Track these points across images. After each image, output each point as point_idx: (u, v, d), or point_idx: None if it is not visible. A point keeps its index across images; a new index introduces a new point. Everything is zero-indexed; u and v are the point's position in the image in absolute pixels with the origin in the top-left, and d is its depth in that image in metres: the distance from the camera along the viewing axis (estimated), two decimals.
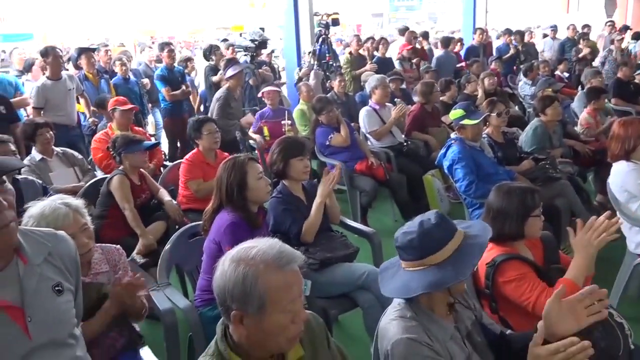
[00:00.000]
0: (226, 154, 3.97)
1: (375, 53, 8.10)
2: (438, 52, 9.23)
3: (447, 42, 9.13)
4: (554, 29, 10.73)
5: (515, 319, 2.11)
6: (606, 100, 5.58)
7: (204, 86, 7.22)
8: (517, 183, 2.56)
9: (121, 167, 3.47)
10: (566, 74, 8.28)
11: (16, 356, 1.23)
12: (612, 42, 9.62)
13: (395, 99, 6.37)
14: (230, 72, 5.03)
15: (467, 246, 1.60)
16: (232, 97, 5.01)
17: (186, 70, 7.24)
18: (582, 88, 6.63)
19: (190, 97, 7.09)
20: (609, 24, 10.26)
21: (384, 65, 7.53)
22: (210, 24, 22.06)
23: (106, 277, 2.21)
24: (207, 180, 3.62)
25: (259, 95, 5.67)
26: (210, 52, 6.78)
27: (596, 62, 9.41)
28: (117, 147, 3.47)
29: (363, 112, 5.19)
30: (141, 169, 3.61)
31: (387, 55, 8.11)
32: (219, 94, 5.07)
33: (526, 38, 9.88)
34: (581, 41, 9.80)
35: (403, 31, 9.46)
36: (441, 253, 1.59)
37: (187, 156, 3.81)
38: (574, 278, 2.02)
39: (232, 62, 5.43)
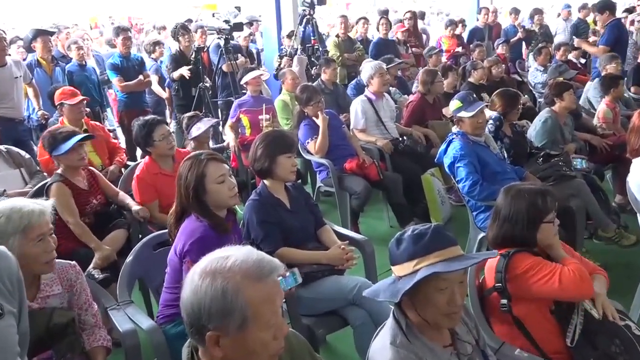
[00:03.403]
0: (186, 150, 3.90)
1: (370, 36, 8.08)
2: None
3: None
4: (568, 8, 10.83)
5: (531, 319, 2.14)
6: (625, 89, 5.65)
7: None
8: (527, 184, 2.58)
9: (60, 171, 3.35)
10: (582, 60, 8.36)
11: None
12: (632, 23, 9.75)
13: (391, 88, 6.40)
14: (194, 131, 4.29)
15: (429, 269, 1.62)
16: None
17: (153, 56, 7.17)
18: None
19: (159, 88, 7.02)
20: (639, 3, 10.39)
21: (385, 49, 7.44)
22: (181, 2, 21.90)
23: (59, 300, 2.17)
24: (165, 195, 3.51)
25: (242, 83, 5.60)
26: (178, 32, 6.60)
27: None
28: (45, 147, 3.35)
29: (356, 103, 5.16)
30: (90, 167, 3.52)
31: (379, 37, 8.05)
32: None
33: (537, 18, 9.91)
34: (597, 22, 9.89)
35: (384, 13, 9.42)
36: (402, 267, 1.66)
37: (138, 169, 3.65)
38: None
39: (194, 119, 4.40)
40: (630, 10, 10.35)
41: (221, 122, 6.15)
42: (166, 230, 2.92)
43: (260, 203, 2.80)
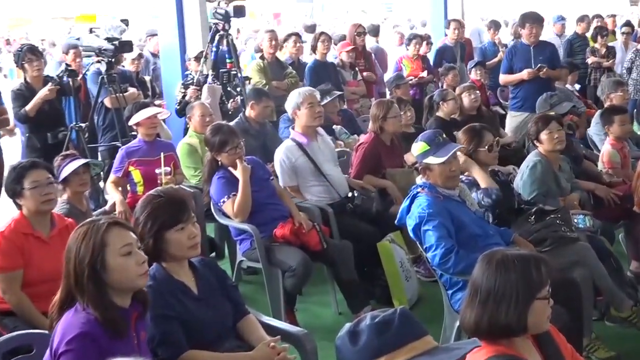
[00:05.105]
0: (70, 219, 3.87)
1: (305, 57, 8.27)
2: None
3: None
4: (561, 21, 11.44)
5: None
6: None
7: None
8: (514, 250, 2.66)
9: None
10: (577, 86, 8.80)
11: None
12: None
13: (334, 126, 6.51)
14: (65, 171, 4.37)
15: None
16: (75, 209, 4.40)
17: None
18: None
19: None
20: None
21: (325, 74, 7.61)
22: (43, 11, 21.93)
23: None
24: (33, 266, 3.47)
25: (132, 124, 5.56)
26: (24, 58, 6.22)
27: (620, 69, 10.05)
28: None
29: (279, 154, 5.18)
30: None
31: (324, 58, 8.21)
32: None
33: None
34: (598, 38, 10.46)
35: (312, 29, 9.57)
36: None
37: (3, 226, 3.59)
38: None
39: (67, 158, 4.52)
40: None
41: (102, 177, 6.07)
42: (22, 332, 2.84)
43: (155, 290, 2.73)
